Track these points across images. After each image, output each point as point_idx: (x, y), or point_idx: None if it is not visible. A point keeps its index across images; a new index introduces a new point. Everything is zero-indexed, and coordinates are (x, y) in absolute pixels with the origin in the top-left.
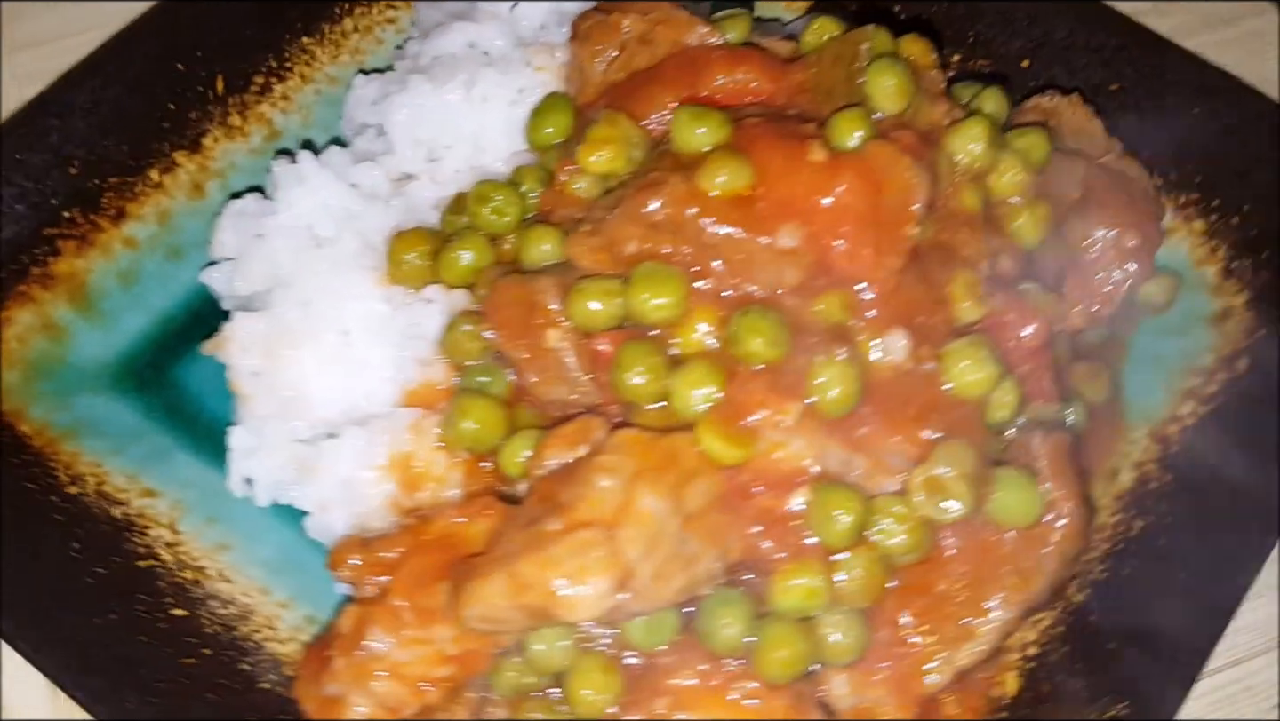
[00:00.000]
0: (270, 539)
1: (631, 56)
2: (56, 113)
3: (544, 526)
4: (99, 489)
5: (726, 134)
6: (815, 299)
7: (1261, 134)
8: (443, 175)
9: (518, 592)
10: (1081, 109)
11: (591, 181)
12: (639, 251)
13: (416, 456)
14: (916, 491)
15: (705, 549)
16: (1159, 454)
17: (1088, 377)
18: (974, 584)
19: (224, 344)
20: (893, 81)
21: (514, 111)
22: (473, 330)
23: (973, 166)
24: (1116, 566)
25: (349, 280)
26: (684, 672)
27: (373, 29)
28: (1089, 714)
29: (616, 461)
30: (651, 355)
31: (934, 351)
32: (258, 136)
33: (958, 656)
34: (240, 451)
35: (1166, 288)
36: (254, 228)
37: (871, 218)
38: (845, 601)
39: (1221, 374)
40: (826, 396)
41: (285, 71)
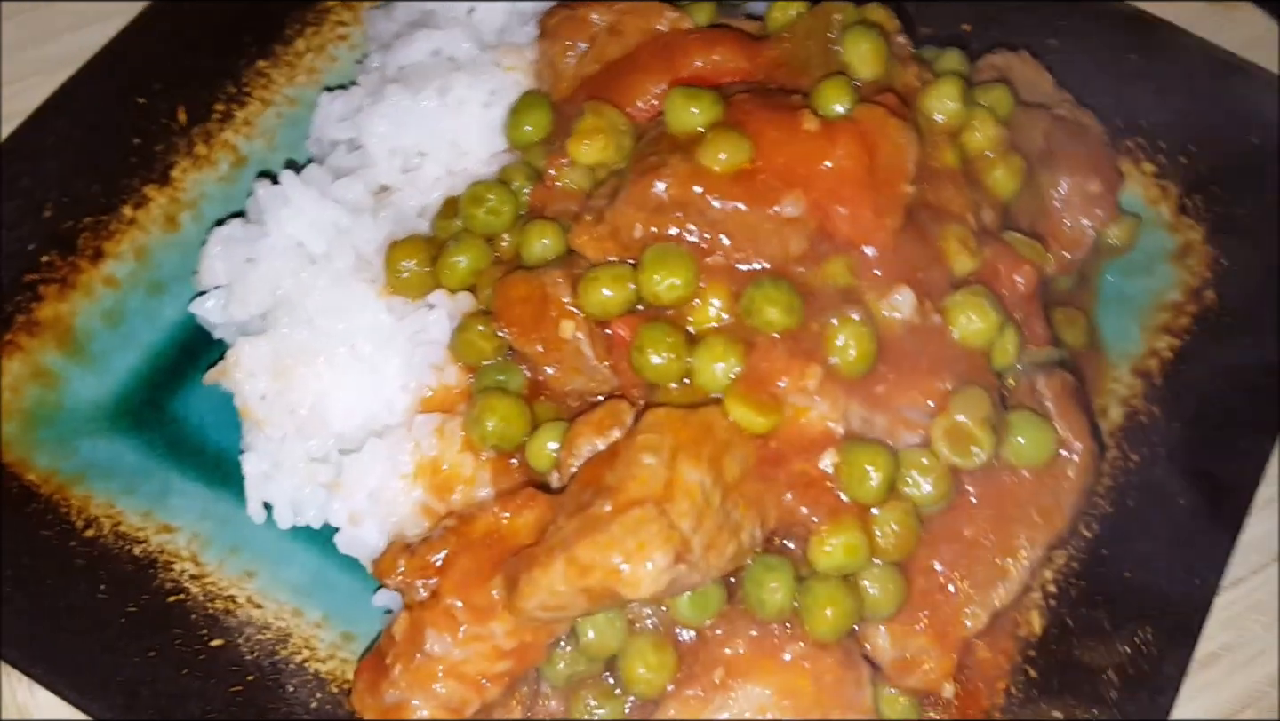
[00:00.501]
0: (295, 561)
1: (603, 48)
2: (25, 157)
3: (595, 510)
4: (116, 529)
5: (720, 112)
6: (822, 265)
7: (1197, 75)
8: (424, 182)
9: (579, 576)
10: (1031, 63)
11: (582, 173)
12: (645, 235)
13: (443, 460)
14: (939, 441)
15: (747, 517)
16: (1143, 389)
17: (1066, 323)
18: (999, 526)
19: (228, 371)
20: (868, 47)
21: (489, 113)
22: (485, 330)
23: (949, 124)
24: (1120, 499)
25: (350, 295)
26: (734, 642)
27: (325, 47)
28: (1117, 641)
29: (656, 440)
30: (670, 335)
31: (937, 305)
32: (225, 163)
33: (993, 597)
34: (256, 477)
35: (1128, 229)
36: (243, 253)
37: (868, 180)
38: (882, 555)
39: (1191, 306)
40: (846, 357)
41: (245, 97)
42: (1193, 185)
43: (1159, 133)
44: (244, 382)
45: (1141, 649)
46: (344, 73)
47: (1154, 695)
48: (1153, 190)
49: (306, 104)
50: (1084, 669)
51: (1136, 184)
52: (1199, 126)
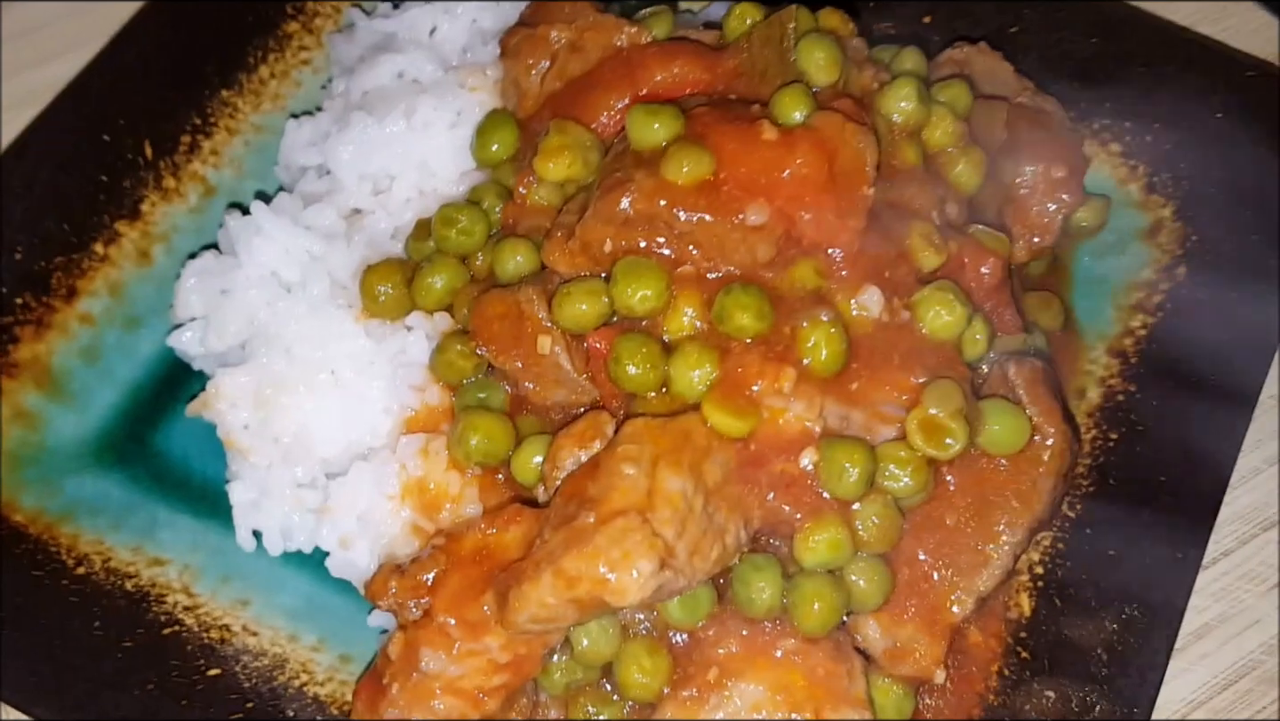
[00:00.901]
0: (288, 586)
1: (565, 66)
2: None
3: (580, 522)
4: (106, 565)
5: (681, 125)
6: (789, 269)
7: (1159, 54)
8: (395, 205)
9: (567, 588)
10: (990, 55)
11: (551, 190)
12: (615, 249)
13: (429, 480)
14: (914, 434)
15: (731, 520)
16: (1120, 368)
17: (1041, 307)
18: (979, 513)
19: (210, 402)
20: (823, 55)
21: (456, 134)
22: (464, 349)
23: (908, 123)
24: (1101, 478)
25: (328, 321)
26: (727, 641)
27: (289, 73)
28: (1104, 619)
29: (635, 450)
30: (645, 345)
31: (905, 301)
32: (194, 195)
33: (977, 583)
34: (243, 506)
35: (1098, 210)
36: (218, 284)
37: (829, 184)
38: (866, 548)
39: (1164, 284)
40: (818, 358)
41: (210, 127)
42: (1161, 163)
43: (1124, 112)
44: (226, 413)
45: (1128, 626)
46: (310, 97)
47: (1142, 671)
48: (1121, 170)
49: (274, 131)
50: (1074, 648)
51: (1105, 164)
52: (1163, 104)
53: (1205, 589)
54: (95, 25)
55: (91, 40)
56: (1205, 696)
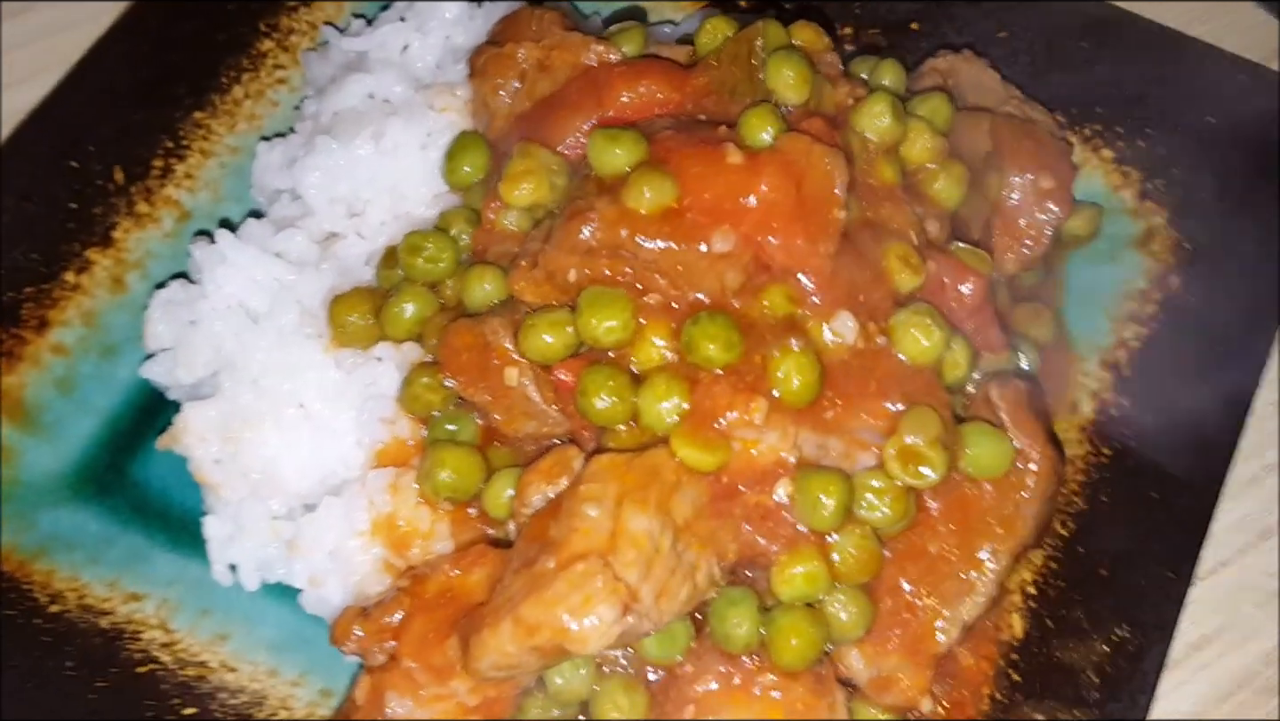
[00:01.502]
0: (268, 619)
1: (533, 85)
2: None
3: (540, 566)
4: (81, 602)
5: (643, 151)
6: (760, 295)
7: (1150, 57)
8: (368, 229)
9: (527, 636)
10: (975, 63)
11: (519, 215)
12: (580, 278)
13: (399, 515)
14: (891, 463)
15: (702, 556)
16: (1113, 380)
17: (1032, 319)
18: (963, 540)
19: (179, 436)
20: (792, 72)
21: (427, 155)
22: (431, 381)
23: (884, 140)
24: (1094, 494)
25: (296, 352)
26: (704, 678)
27: (264, 92)
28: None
29: (598, 489)
30: (613, 377)
31: (881, 326)
32: (169, 220)
33: (962, 611)
34: (218, 540)
35: (1089, 219)
36: (185, 315)
37: (798, 209)
38: (845, 579)
39: (1157, 293)
40: (790, 387)
41: (183, 150)
42: (1153, 169)
43: (1116, 118)
44: (195, 447)
45: (1120, 648)
46: (286, 117)
47: (1133, 695)
48: (1114, 176)
49: (250, 152)
50: (1065, 670)
51: (1096, 171)
52: (1156, 108)
53: (1203, 600)
54: (61, 48)
55: (57, 64)
56: (1204, 709)
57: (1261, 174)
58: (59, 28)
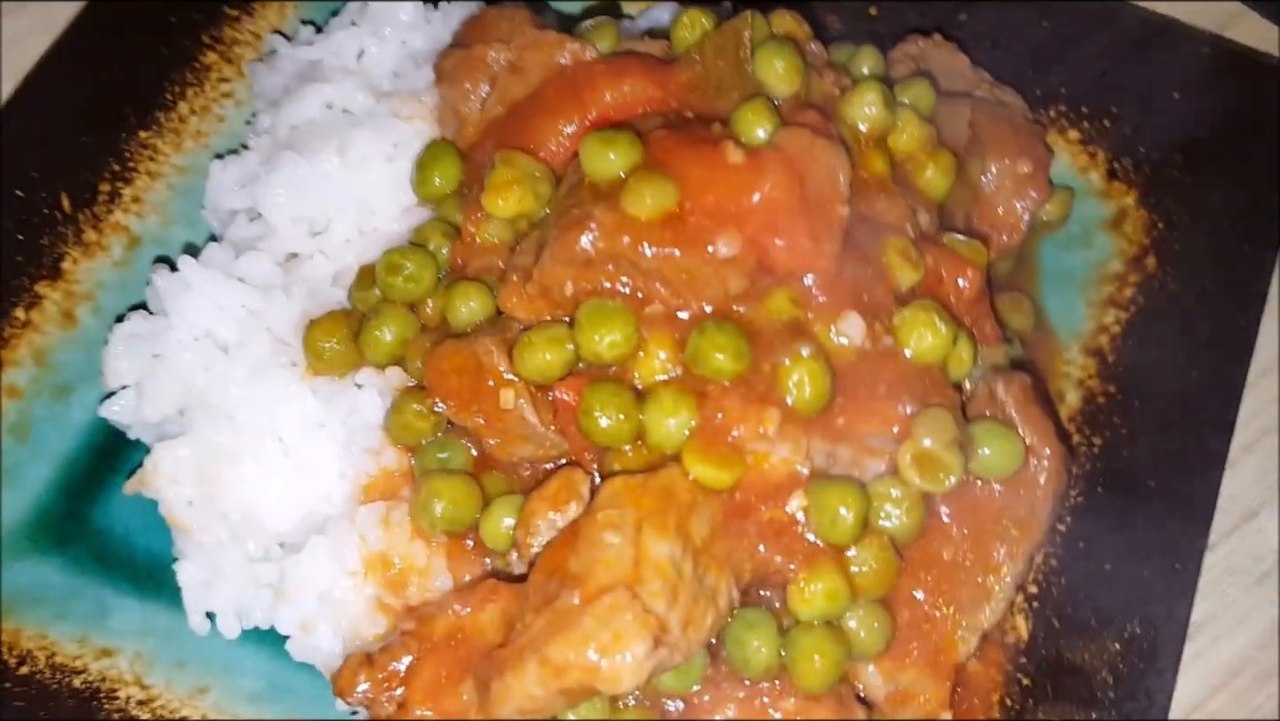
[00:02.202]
0: (249, 669)
1: (505, 89)
2: None
3: (563, 602)
4: (51, 662)
5: (639, 153)
6: (764, 300)
7: (1113, 35)
8: (333, 248)
9: (554, 678)
10: (946, 47)
11: (501, 226)
12: (577, 291)
13: (393, 552)
14: (907, 469)
15: (722, 579)
16: (1097, 367)
17: (1012, 309)
18: (977, 544)
19: (149, 478)
20: (783, 63)
21: (394, 167)
22: (420, 408)
23: (874, 130)
24: (1089, 487)
25: (270, 383)
26: (723, 706)
27: (210, 108)
28: (1106, 639)
29: (617, 515)
30: (617, 395)
31: (887, 325)
32: (118, 247)
33: (981, 618)
34: (193, 587)
35: (1061, 202)
36: (149, 348)
37: (802, 208)
38: (865, 594)
39: (1133, 275)
40: (802, 395)
41: (130, 173)
42: (1120, 148)
43: (1080, 98)
44: (167, 490)
45: (1131, 645)
46: (235, 133)
47: (1150, 693)
48: (1080, 157)
49: (199, 172)
50: (1076, 671)
51: (1063, 153)
52: (1120, 86)
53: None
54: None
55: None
56: (1202, 698)
57: (1229, 146)
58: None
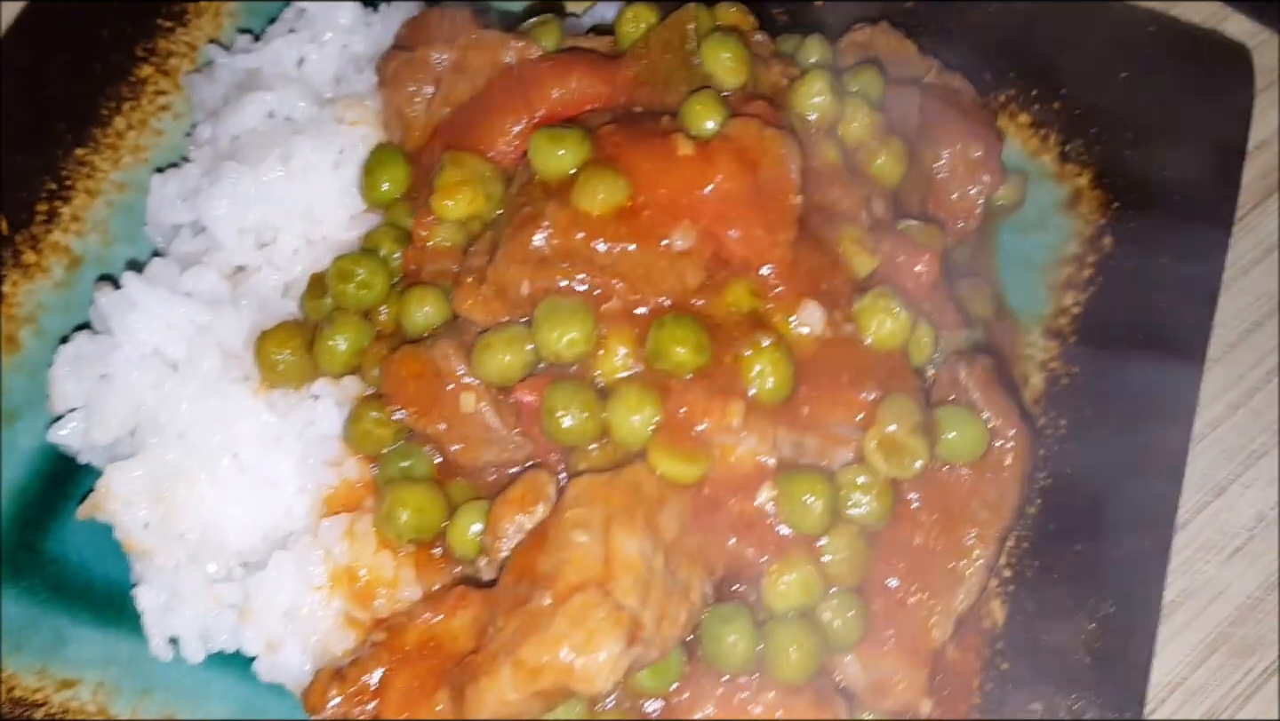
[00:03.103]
0: (216, 693)
1: (450, 90)
2: None
3: (535, 603)
4: (11, 696)
5: (588, 149)
6: (721, 292)
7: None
8: (281, 258)
9: (529, 681)
10: (893, 35)
11: (452, 229)
12: (533, 290)
13: (359, 564)
14: (874, 455)
15: (694, 574)
16: (1059, 349)
17: (972, 294)
18: (948, 529)
19: (102, 502)
20: (729, 55)
21: (341, 174)
22: (379, 416)
23: (823, 120)
24: (1057, 468)
25: (223, 398)
26: (702, 703)
27: (147, 121)
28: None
29: (585, 514)
30: (579, 393)
31: (846, 313)
32: (58, 268)
33: (954, 603)
34: (154, 611)
35: (1016, 186)
36: (95, 369)
37: (754, 198)
38: (838, 583)
39: (1091, 256)
40: (765, 386)
41: (68, 191)
42: (1072, 130)
43: (1029, 81)
44: (121, 513)
45: (1107, 624)
46: (174, 146)
47: (1128, 671)
48: (1032, 141)
49: (138, 187)
50: (1055, 652)
51: (1015, 136)
52: (1069, 68)
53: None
54: None
55: None
56: (1180, 676)
57: (1181, 123)
58: None
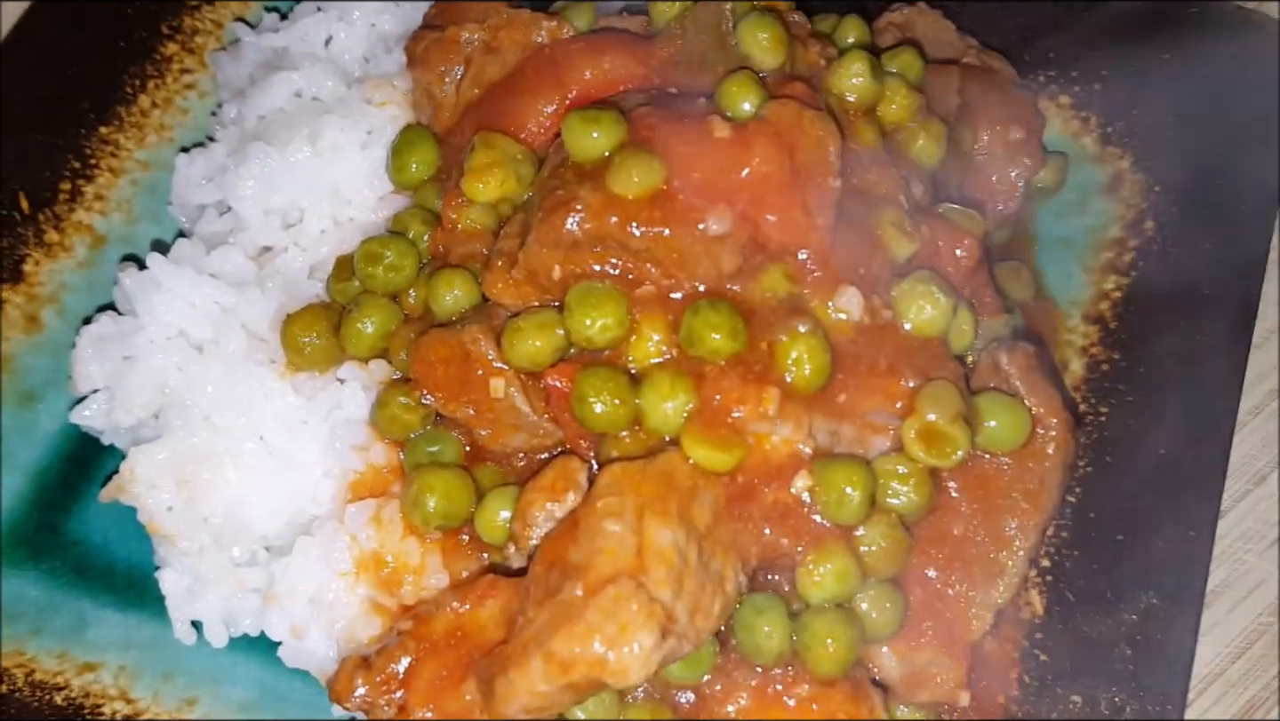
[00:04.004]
0: (238, 677)
1: (481, 70)
2: None
3: (566, 594)
4: (31, 680)
5: (623, 131)
6: (758, 277)
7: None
8: (307, 240)
9: (560, 673)
10: (931, 14)
11: (483, 211)
12: (565, 274)
13: (385, 550)
14: (914, 445)
15: (728, 564)
16: (1100, 335)
17: (1010, 278)
18: (987, 519)
19: (126, 485)
20: (767, 34)
21: (369, 155)
22: (407, 401)
23: (862, 101)
24: (1098, 456)
25: (248, 381)
26: (735, 695)
27: (172, 100)
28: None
29: (617, 503)
30: (611, 379)
31: (885, 299)
32: (82, 247)
33: (994, 594)
34: (177, 595)
35: (1057, 168)
36: (119, 350)
37: (793, 180)
38: (875, 574)
39: (1132, 240)
40: (802, 373)
41: (92, 170)
42: (1113, 112)
43: (1070, 62)
44: (145, 496)
45: (1149, 616)
46: (199, 125)
47: (1170, 664)
48: (1073, 123)
49: (162, 166)
50: (1094, 644)
51: (1055, 118)
52: (1110, 49)
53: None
54: None
55: None
56: (1220, 667)
57: (1224, 105)
58: None
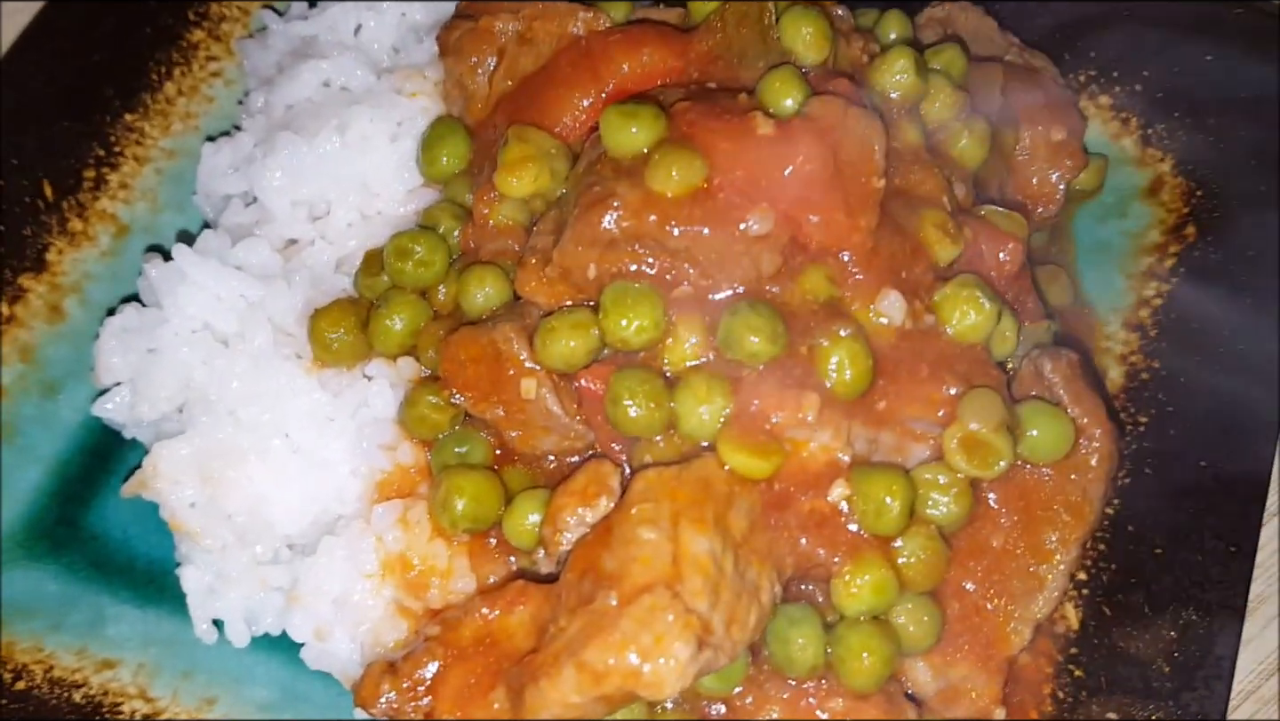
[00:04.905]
0: (259, 677)
1: (515, 61)
2: None
3: (600, 603)
4: (49, 676)
5: (663, 126)
6: (798, 279)
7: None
8: (334, 233)
9: (593, 684)
10: (973, 11)
11: (515, 207)
12: (600, 273)
13: (412, 552)
14: (955, 454)
15: (763, 574)
16: (1140, 342)
17: (1048, 281)
18: (1028, 531)
19: (148, 481)
20: (810, 29)
21: (399, 147)
22: (437, 400)
23: (906, 98)
24: (1136, 466)
25: (274, 376)
26: (767, 707)
27: (198, 87)
28: (1160, 626)
29: (652, 509)
30: (646, 382)
31: (927, 303)
32: (105, 236)
33: (1034, 609)
34: (199, 593)
35: (1096, 171)
36: (143, 342)
37: (836, 180)
38: (913, 586)
39: (1173, 245)
40: (842, 378)
41: (116, 158)
42: (1154, 113)
43: (1110, 62)
44: (168, 492)
45: (1187, 632)
46: (225, 114)
47: (1209, 682)
48: (1113, 124)
49: (188, 154)
50: (1131, 661)
51: (1095, 119)
52: (1151, 50)
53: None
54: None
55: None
56: (1254, 684)
57: (1265, 109)
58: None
